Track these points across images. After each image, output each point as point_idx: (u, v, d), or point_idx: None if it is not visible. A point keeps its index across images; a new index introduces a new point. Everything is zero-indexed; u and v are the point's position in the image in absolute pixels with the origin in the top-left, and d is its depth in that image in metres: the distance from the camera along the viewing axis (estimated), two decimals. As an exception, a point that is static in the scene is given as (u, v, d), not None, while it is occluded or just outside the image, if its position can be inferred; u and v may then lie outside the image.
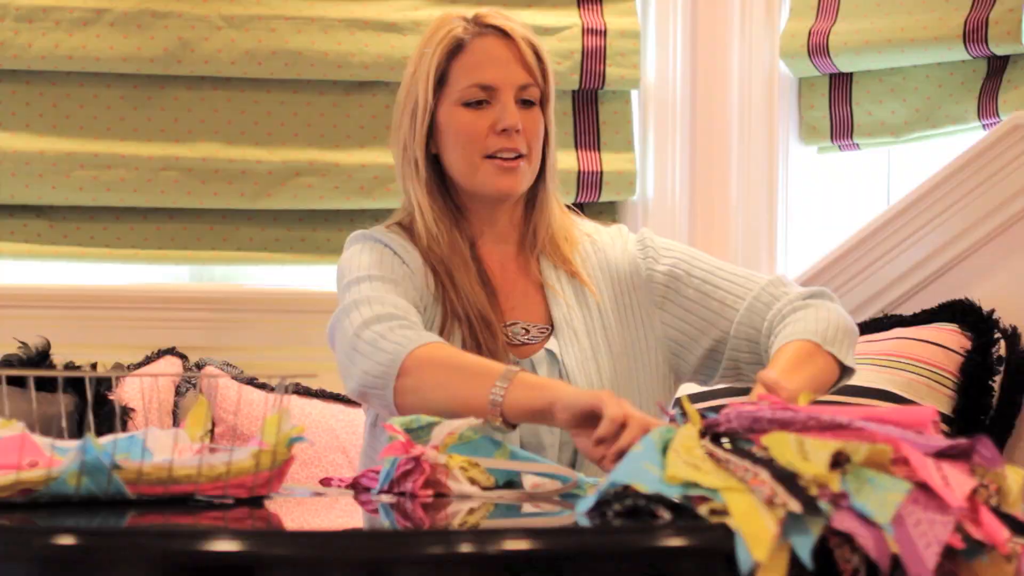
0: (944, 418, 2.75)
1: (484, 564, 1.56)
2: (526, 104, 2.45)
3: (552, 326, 2.45)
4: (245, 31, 3.28)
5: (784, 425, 1.82)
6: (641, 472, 1.70)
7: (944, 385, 2.77)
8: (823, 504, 1.62)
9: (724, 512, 1.64)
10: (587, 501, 1.70)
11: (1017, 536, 1.71)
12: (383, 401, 2.29)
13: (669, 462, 1.73)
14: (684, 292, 2.48)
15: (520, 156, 2.43)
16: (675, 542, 1.64)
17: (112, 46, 3.24)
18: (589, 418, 2.11)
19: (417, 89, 2.46)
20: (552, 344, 2.42)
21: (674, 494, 1.67)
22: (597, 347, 2.45)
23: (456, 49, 2.45)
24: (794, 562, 1.58)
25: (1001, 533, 1.69)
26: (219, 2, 3.28)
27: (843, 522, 1.62)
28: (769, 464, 1.70)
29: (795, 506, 1.62)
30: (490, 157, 2.42)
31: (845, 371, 2.30)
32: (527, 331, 2.45)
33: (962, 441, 1.75)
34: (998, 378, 2.80)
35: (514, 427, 2.21)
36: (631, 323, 2.48)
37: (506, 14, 2.49)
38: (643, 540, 1.65)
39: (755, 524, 1.62)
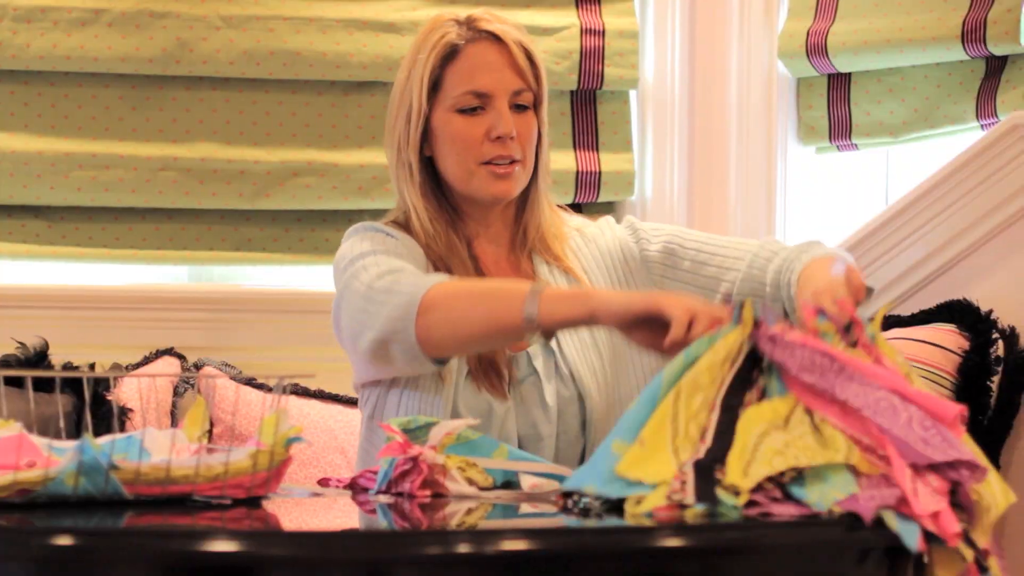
0: (942, 418, 2.75)
1: (482, 564, 1.56)
2: (520, 108, 2.48)
3: None
4: (243, 31, 3.28)
5: (805, 389, 1.91)
6: (591, 475, 1.85)
7: (942, 386, 2.77)
8: (728, 499, 1.76)
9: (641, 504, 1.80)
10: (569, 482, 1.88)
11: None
12: (406, 345, 2.29)
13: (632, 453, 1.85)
14: (681, 265, 2.52)
15: (514, 162, 2.47)
16: (673, 542, 1.64)
17: (110, 46, 3.24)
18: (642, 320, 2.15)
19: (411, 94, 2.49)
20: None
21: (614, 494, 1.82)
22: (597, 335, 2.48)
23: (450, 55, 2.47)
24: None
25: (952, 527, 1.78)
26: (217, 2, 3.28)
27: (766, 507, 1.77)
28: (718, 438, 1.85)
29: (689, 500, 1.77)
30: (485, 163, 2.46)
31: (868, 291, 2.26)
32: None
33: (959, 458, 1.83)
34: (996, 378, 2.80)
35: (552, 336, 2.25)
36: None
37: (500, 16, 2.51)
38: (641, 540, 1.65)
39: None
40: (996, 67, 3.24)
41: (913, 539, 1.77)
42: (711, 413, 1.91)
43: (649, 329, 2.16)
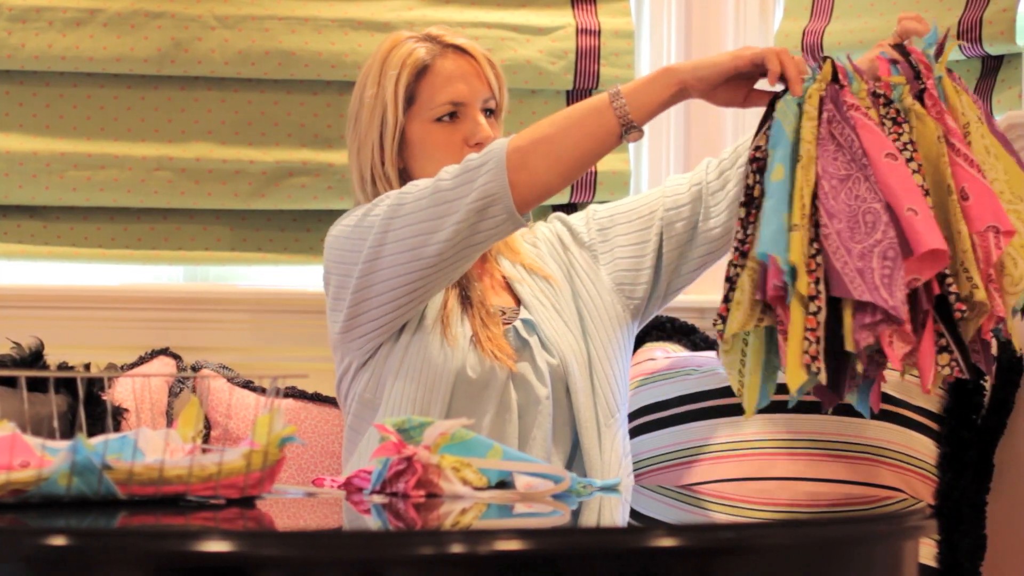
0: (935, 417, 2.76)
1: (476, 565, 1.56)
2: (488, 113, 2.71)
3: (523, 305, 2.68)
4: (238, 31, 3.28)
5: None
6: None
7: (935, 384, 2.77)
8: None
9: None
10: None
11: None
12: (503, 205, 2.41)
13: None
14: (607, 235, 2.76)
15: None
16: (667, 542, 1.64)
17: (105, 46, 3.23)
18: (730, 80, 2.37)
19: (384, 110, 2.69)
20: (525, 314, 2.66)
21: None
22: (562, 311, 2.68)
23: (423, 70, 2.69)
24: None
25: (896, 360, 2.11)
26: (212, 2, 3.28)
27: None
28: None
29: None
30: None
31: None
32: (504, 312, 2.67)
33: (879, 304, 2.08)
34: (989, 377, 2.80)
35: (642, 133, 2.46)
36: (584, 288, 2.72)
37: (461, 32, 2.77)
38: (635, 540, 1.65)
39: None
40: (992, 67, 3.24)
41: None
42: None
43: (727, 87, 2.38)
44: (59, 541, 1.54)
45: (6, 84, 3.24)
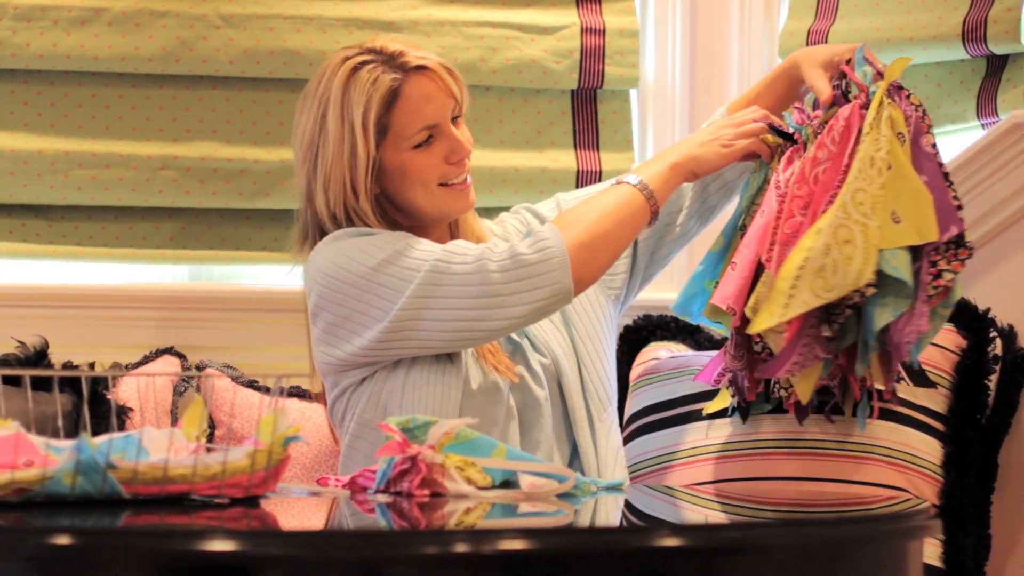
0: (940, 417, 2.75)
1: (480, 564, 1.56)
2: (454, 121, 2.67)
3: None
4: (243, 30, 3.28)
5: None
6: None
7: (940, 384, 2.77)
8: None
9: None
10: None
11: None
12: (566, 299, 2.51)
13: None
14: None
15: (466, 173, 2.68)
16: (672, 542, 1.64)
17: (110, 45, 3.23)
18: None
19: (355, 145, 2.60)
20: None
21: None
22: None
23: (392, 100, 2.61)
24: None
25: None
26: (217, 1, 3.28)
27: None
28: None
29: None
30: (443, 184, 2.64)
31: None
32: None
33: None
34: (994, 377, 2.80)
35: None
36: None
37: (407, 40, 2.71)
38: (640, 540, 1.65)
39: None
40: (997, 66, 3.24)
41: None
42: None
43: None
44: (63, 540, 1.54)
45: (11, 83, 3.24)
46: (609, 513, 2.10)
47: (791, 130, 2.58)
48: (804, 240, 2.39)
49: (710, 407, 2.72)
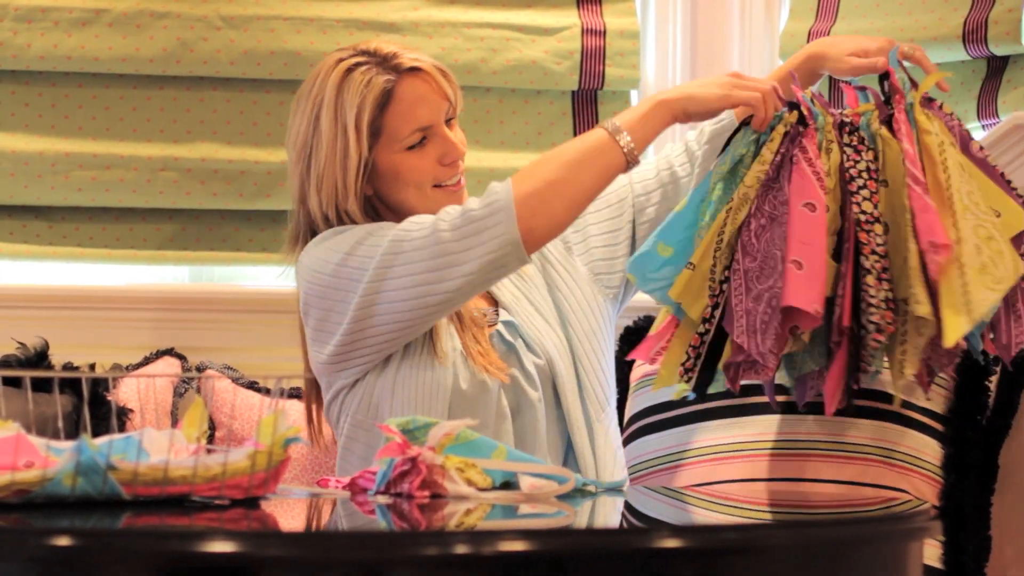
0: (940, 418, 2.75)
1: (481, 565, 1.56)
2: (448, 122, 2.67)
3: (501, 307, 2.68)
4: (244, 31, 3.28)
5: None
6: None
7: (940, 385, 2.77)
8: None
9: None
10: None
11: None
12: (517, 255, 2.44)
13: None
14: (578, 224, 2.71)
15: (459, 175, 2.67)
16: (672, 543, 1.64)
17: (111, 46, 3.23)
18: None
19: (347, 147, 2.60)
20: (505, 316, 2.65)
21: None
22: (540, 308, 2.68)
23: (385, 101, 2.61)
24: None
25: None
26: (218, 2, 3.28)
27: None
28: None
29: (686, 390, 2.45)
30: (437, 186, 2.64)
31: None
32: (485, 315, 2.65)
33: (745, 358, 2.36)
34: (994, 378, 2.80)
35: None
36: (560, 279, 2.72)
37: (399, 42, 2.72)
38: (639, 541, 1.65)
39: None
40: (997, 67, 3.24)
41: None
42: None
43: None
44: (64, 541, 1.54)
45: (12, 84, 3.24)
46: (609, 514, 2.10)
47: (809, 111, 2.44)
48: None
49: (658, 384, 2.48)
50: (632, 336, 3.08)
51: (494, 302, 2.69)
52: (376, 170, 2.64)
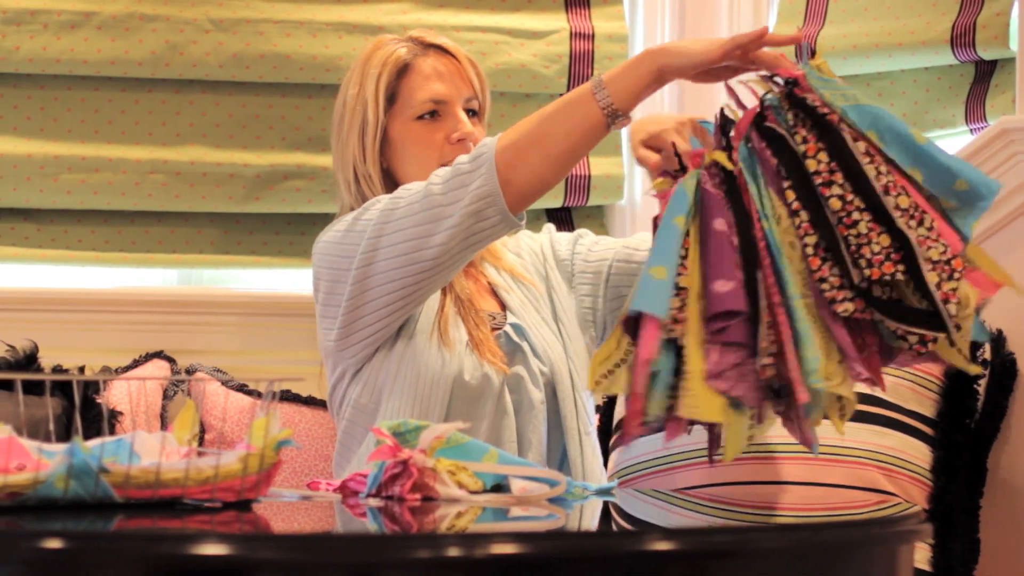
0: (929, 421, 2.76)
1: (472, 568, 1.56)
2: (470, 114, 2.73)
3: (508, 311, 2.71)
4: (233, 34, 3.28)
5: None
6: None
7: (929, 388, 2.77)
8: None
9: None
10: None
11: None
12: (497, 207, 2.42)
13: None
14: (579, 268, 2.78)
15: None
16: (663, 546, 1.64)
17: (100, 49, 3.23)
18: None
19: (365, 109, 2.71)
20: (513, 319, 2.69)
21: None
22: (547, 320, 2.72)
23: (404, 69, 2.72)
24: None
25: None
26: (207, 5, 3.28)
27: None
28: None
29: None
30: (443, 165, 2.59)
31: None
32: (493, 318, 2.69)
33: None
34: (983, 381, 2.80)
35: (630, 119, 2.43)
36: (560, 304, 2.76)
37: (439, 33, 2.80)
38: (632, 544, 1.65)
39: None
40: (985, 71, 3.25)
41: None
42: None
43: (706, 73, 2.37)
44: (55, 544, 1.54)
45: (0, 87, 3.24)
46: (600, 517, 2.10)
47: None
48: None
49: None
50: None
51: (502, 306, 2.72)
52: (388, 138, 2.72)
